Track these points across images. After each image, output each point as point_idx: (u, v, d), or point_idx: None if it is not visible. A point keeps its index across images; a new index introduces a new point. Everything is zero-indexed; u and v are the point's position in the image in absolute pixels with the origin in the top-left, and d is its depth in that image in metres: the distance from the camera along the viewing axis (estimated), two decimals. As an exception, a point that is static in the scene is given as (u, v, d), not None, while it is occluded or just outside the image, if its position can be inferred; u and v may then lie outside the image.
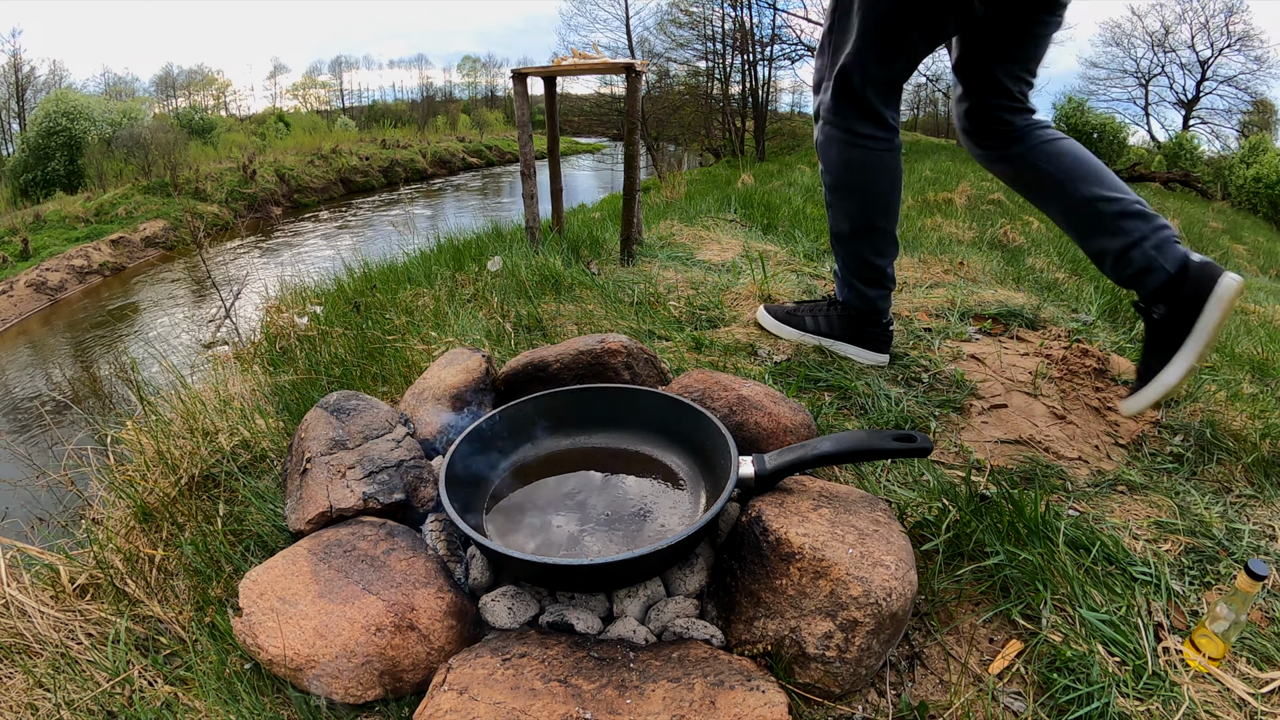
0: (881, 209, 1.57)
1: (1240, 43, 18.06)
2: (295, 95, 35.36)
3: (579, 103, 23.04)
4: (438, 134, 27.75)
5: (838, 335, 1.74)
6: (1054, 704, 0.82)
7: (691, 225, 3.56)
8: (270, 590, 0.89)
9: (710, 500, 1.03)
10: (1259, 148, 13.35)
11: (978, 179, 7.41)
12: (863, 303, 1.68)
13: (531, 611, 0.93)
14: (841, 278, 1.71)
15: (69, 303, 9.98)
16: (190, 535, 1.13)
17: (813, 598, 0.84)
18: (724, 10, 16.80)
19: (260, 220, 14.27)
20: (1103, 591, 0.95)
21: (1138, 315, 1.67)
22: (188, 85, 29.12)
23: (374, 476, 1.09)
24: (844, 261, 1.68)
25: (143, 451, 1.34)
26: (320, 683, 0.82)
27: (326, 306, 2.48)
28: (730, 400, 1.20)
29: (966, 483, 1.09)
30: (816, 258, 2.82)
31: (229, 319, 3.19)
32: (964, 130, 1.58)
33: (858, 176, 1.53)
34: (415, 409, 1.29)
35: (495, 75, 39.77)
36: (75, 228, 12.07)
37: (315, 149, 18.74)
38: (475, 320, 1.93)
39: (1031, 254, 3.26)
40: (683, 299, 2.16)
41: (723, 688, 0.77)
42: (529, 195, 2.76)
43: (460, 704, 0.75)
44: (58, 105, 15.64)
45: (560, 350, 1.37)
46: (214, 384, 1.65)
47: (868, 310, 1.68)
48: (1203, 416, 1.51)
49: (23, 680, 0.89)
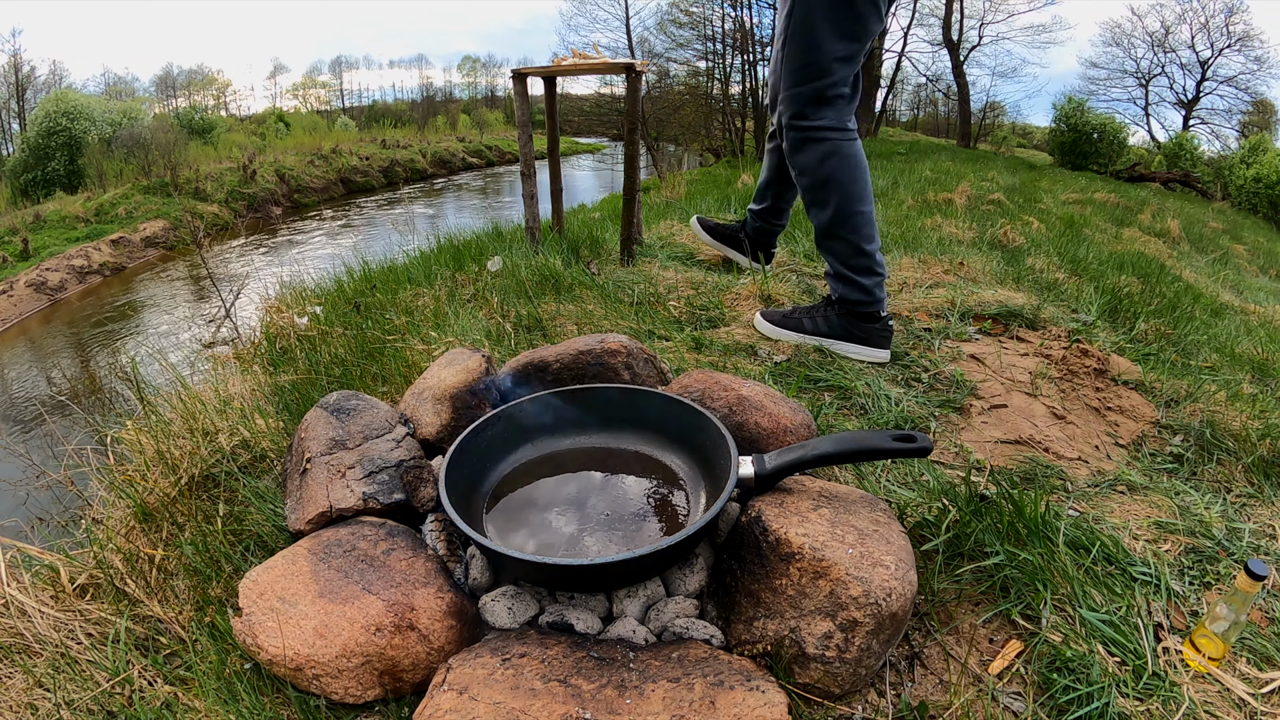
0: (858, 194, 1.70)
1: (1240, 43, 18.08)
2: (295, 95, 35.38)
3: (579, 103, 23.02)
4: (438, 134, 27.76)
5: (837, 335, 1.75)
6: (1054, 704, 0.82)
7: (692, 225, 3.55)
8: (270, 590, 0.89)
9: (710, 500, 1.03)
10: (1259, 148, 13.35)
11: (977, 179, 7.41)
12: (861, 293, 1.71)
13: (531, 611, 0.93)
14: (835, 274, 1.76)
15: (69, 303, 9.98)
16: (190, 535, 1.13)
17: (812, 598, 0.84)
18: (724, 10, 16.80)
19: (260, 220, 14.27)
20: (1103, 591, 0.95)
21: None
22: (188, 85, 29.12)
23: (374, 476, 1.09)
24: (835, 256, 1.75)
25: (143, 451, 1.34)
26: (320, 683, 0.82)
27: (326, 306, 2.48)
28: (730, 400, 1.20)
29: (966, 483, 1.09)
30: (816, 258, 2.82)
31: (229, 319, 3.19)
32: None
33: (833, 168, 1.69)
34: (415, 409, 1.29)
35: (495, 75, 39.80)
36: (75, 228, 12.07)
37: (315, 149, 18.74)
38: (475, 320, 1.93)
39: (1031, 254, 3.26)
40: (683, 299, 2.16)
41: (722, 688, 0.77)
42: (529, 195, 2.76)
43: (460, 704, 0.75)
44: (58, 105, 15.63)
45: (560, 350, 1.37)
46: (214, 384, 1.65)
47: (867, 300, 1.72)
48: (1203, 416, 1.51)
49: (23, 680, 0.89)
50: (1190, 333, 2.30)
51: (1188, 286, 3.47)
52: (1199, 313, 2.78)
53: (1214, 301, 3.44)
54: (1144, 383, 1.70)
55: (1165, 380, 1.72)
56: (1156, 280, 3.11)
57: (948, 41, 17.59)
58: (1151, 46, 19.66)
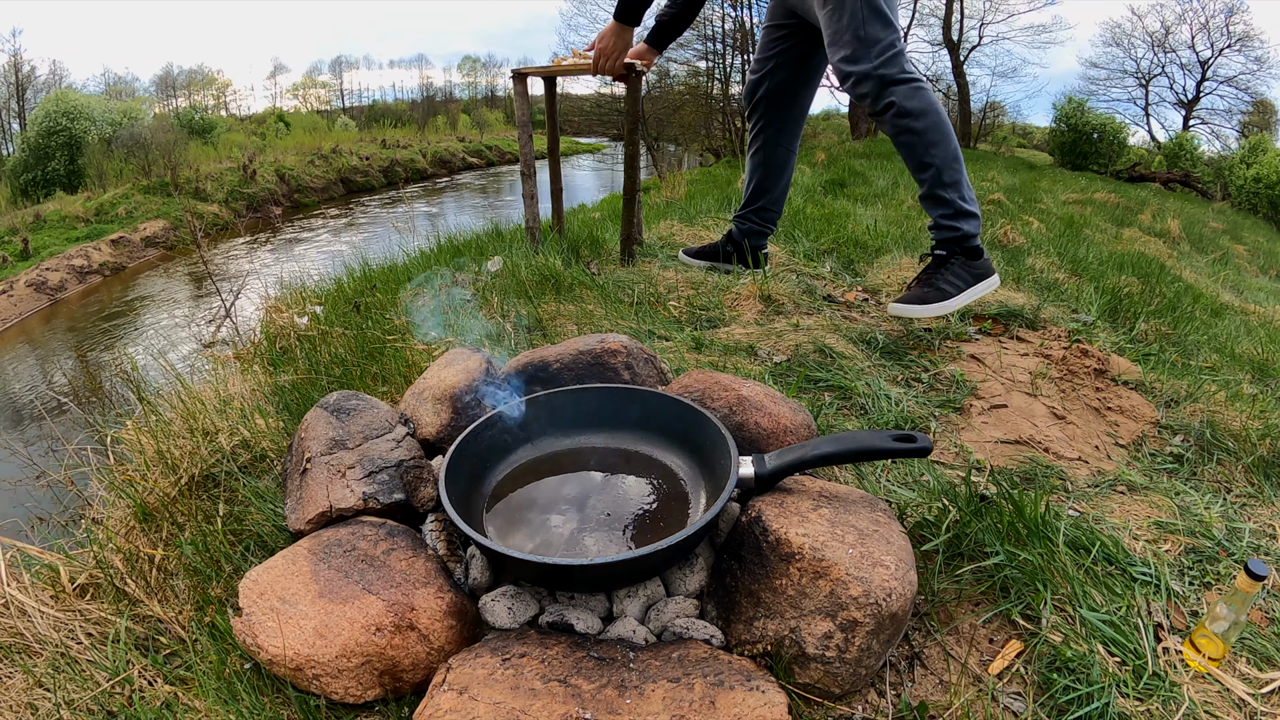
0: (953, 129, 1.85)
1: (1240, 43, 18.06)
2: (295, 95, 35.39)
3: (579, 103, 22.99)
4: (438, 134, 27.76)
5: (978, 279, 1.83)
6: (1054, 704, 0.82)
7: (692, 225, 3.56)
8: (270, 590, 0.89)
9: (710, 500, 1.03)
10: (1259, 148, 13.34)
11: (977, 179, 7.41)
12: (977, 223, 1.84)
13: (531, 611, 0.93)
14: (956, 213, 1.81)
15: (69, 303, 9.98)
16: (190, 535, 1.13)
17: (812, 598, 0.84)
18: (724, 10, 16.79)
19: (260, 220, 14.26)
20: (1103, 591, 0.95)
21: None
22: (188, 85, 29.13)
23: (374, 476, 1.09)
24: (959, 192, 1.81)
25: (143, 451, 1.34)
26: (320, 683, 0.83)
27: (327, 306, 2.48)
28: (730, 400, 1.20)
29: (966, 483, 1.09)
30: (816, 258, 2.82)
31: (229, 319, 3.19)
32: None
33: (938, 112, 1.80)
34: (415, 409, 1.29)
35: (495, 75, 39.81)
36: (75, 227, 12.07)
37: (315, 149, 18.73)
38: (475, 320, 1.93)
39: (1031, 254, 3.26)
40: (683, 299, 2.16)
41: (722, 688, 0.77)
42: (529, 195, 2.76)
43: (460, 704, 0.75)
44: (58, 105, 15.63)
45: (560, 350, 1.37)
46: (214, 384, 1.65)
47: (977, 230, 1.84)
48: (1203, 416, 1.51)
49: (23, 680, 0.89)
50: (1190, 333, 2.30)
51: (1188, 287, 3.47)
52: (1199, 313, 2.78)
53: (1214, 302, 3.44)
54: (1144, 383, 1.70)
55: (1165, 380, 1.72)
56: (1156, 280, 3.11)
57: (948, 41, 17.58)
58: (1151, 46, 19.66)
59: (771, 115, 2.29)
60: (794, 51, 2.18)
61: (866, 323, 2.04)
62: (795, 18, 2.14)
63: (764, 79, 2.25)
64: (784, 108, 2.27)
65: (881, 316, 2.12)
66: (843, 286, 2.48)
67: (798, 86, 2.24)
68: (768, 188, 2.41)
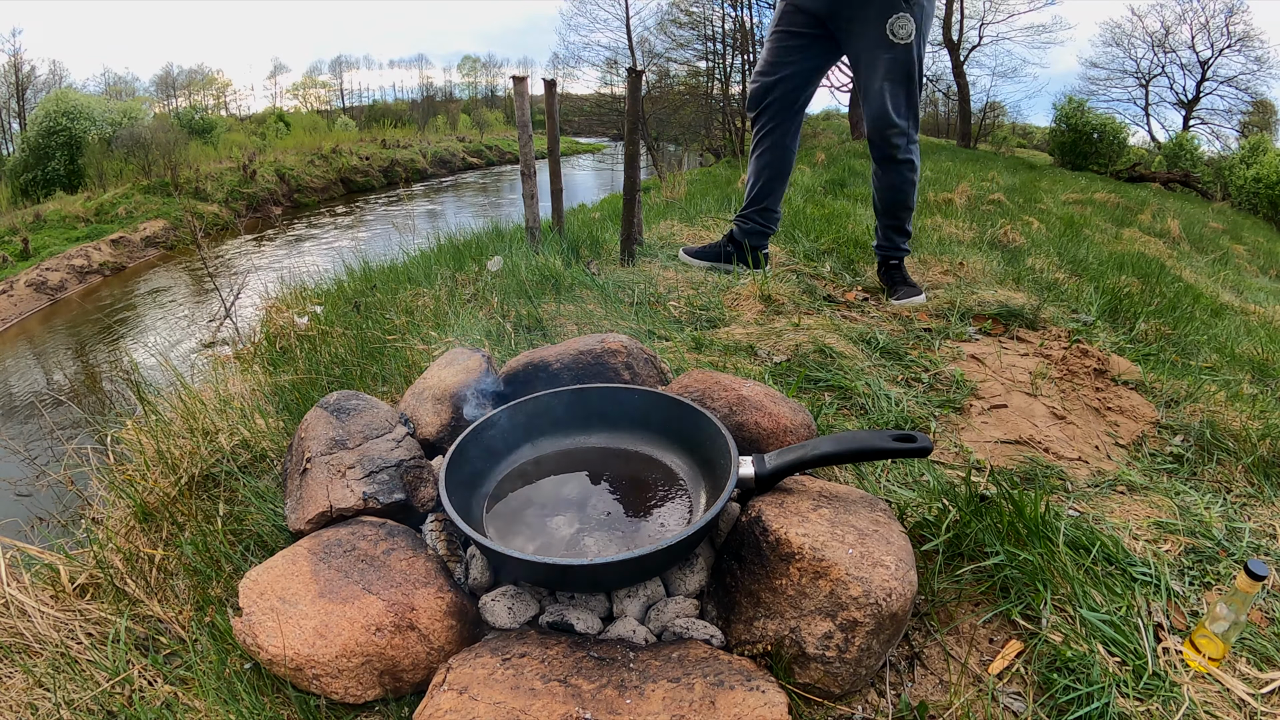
0: None
1: (1240, 43, 18.05)
2: (295, 95, 35.36)
3: (579, 103, 23.02)
4: (438, 134, 27.75)
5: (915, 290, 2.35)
6: (1054, 704, 0.82)
7: (692, 225, 3.56)
8: (270, 590, 0.89)
9: (710, 500, 1.03)
10: (1259, 148, 13.33)
11: (977, 179, 7.41)
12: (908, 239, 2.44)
13: (531, 611, 0.93)
14: (908, 235, 2.40)
15: (69, 302, 9.97)
16: (190, 535, 1.13)
17: (812, 598, 0.84)
18: (724, 10, 16.79)
19: (260, 220, 14.26)
20: (1103, 591, 0.95)
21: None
22: (188, 85, 29.11)
23: (374, 476, 1.09)
24: (908, 221, 2.39)
25: (143, 451, 1.34)
26: (320, 682, 0.82)
27: (327, 306, 2.48)
28: (730, 400, 1.20)
29: (966, 483, 1.09)
30: (816, 258, 2.82)
31: (229, 319, 3.19)
32: None
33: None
34: (415, 409, 1.29)
35: (495, 75, 39.81)
36: (75, 227, 12.06)
37: (315, 149, 18.72)
38: (475, 320, 1.93)
39: (1031, 254, 3.26)
40: (683, 299, 2.16)
41: (722, 688, 0.77)
42: (529, 195, 2.76)
43: (460, 704, 0.75)
44: (58, 105, 15.62)
45: (560, 350, 1.37)
46: (214, 384, 1.65)
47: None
48: (1203, 416, 1.51)
49: (23, 680, 0.89)
50: (1190, 333, 2.30)
51: (1188, 287, 3.47)
52: (1199, 313, 2.78)
53: (1214, 302, 3.44)
54: (1144, 383, 1.70)
55: (1165, 380, 1.72)
56: (1156, 280, 3.11)
57: (948, 42, 17.56)
58: (1151, 46, 19.64)
59: (781, 118, 2.37)
60: (810, 61, 2.29)
61: (866, 323, 2.04)
62: (819, 29, 2.22)
63: (777, 84, 2.32)
64: (793, 111, 2.37)
65: (882, 316, 2.12)
66: (843, 286, 2.48)
67: (806, 91, 2.36)
68: (773, 188, 2.47)
